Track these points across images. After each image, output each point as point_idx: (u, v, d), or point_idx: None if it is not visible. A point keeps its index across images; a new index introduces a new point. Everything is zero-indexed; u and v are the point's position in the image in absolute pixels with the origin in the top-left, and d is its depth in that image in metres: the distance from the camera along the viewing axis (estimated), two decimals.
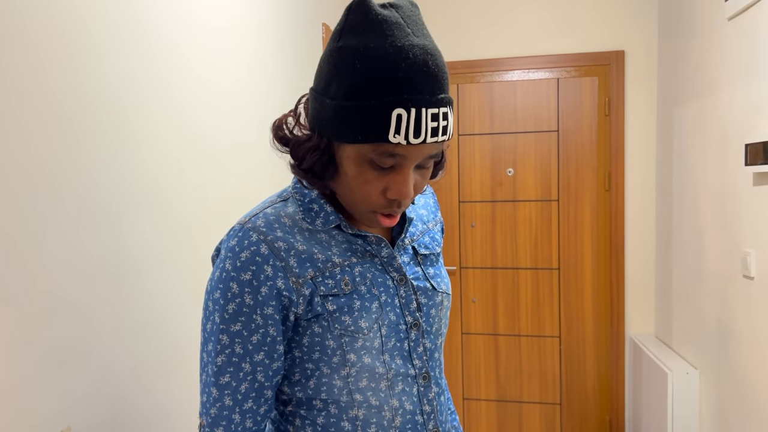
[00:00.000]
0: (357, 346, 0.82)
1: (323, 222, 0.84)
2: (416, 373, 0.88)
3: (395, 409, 0.87)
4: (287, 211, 0.84)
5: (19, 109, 0.85)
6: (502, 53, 3.11)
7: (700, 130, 2.39)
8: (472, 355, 3.23)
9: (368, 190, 0.79)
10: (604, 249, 3.07)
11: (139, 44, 1.14)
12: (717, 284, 2.23)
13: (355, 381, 0.84)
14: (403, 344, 0.87)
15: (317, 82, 0.80)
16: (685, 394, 2.42)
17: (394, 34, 0.74)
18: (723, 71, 2.17)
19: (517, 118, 3.11)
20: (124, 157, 1.11)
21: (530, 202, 3.12)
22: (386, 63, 0.73)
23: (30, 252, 0.89)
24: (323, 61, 0.79)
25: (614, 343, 3.07)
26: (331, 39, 0.79)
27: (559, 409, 3.15)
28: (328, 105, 0.77)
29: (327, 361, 0.83)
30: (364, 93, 0.73)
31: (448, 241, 3.22)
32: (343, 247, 0.84)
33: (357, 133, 0.74)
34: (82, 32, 0.99)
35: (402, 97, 0.73)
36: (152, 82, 1.18)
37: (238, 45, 1.58)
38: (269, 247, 0.79)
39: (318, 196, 0.84)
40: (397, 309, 0.86)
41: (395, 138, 0.74)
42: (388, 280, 0.86)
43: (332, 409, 0.85)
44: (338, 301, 0.81)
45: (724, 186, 2.16)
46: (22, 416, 0.84)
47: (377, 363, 0.84)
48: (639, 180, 3.01)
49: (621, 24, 2.99)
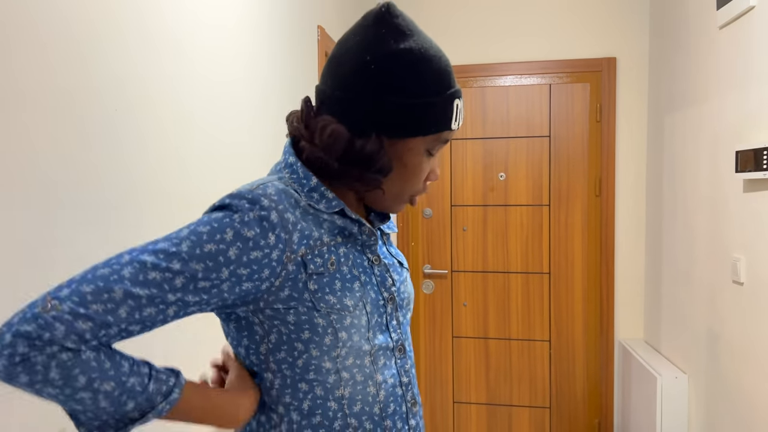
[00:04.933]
0: (346, 324, 0.84)
1: (326, 206, 0.85)
2: (393, 345, 0.92)
3: (379, 384, 0.90)
4: (288, 190, 0.84)
5: (29, 106, 0.84)
6: (494, 59, 3.13)
7: (691, 137, 2.42)
8: (462, 359, 3.23)
9: (421, 176, 0.89)
10: (595, 254, 3.09)
11: (142, 42, 1.13)
12: (707, 289, 2.26)
13: (343, 360, 0.85)
14: (382, 319, 0.90)
15: (366, 84, 0.82)
16: (674, 398, 2.44)
17: (427, 37, 0.86)
18: (714, 79, 2.20)
19: (510, 123, 3.13)
20: (128, 152, 1.10)
21: (521, 206, 3.14)
22: (440, 62, 0.85)
23: (29, 252, 0.88)
24: (378, 64, 0.82)
25: (604, 348, 3.09)
26: (378, 46, 0.82)
27: (549, 413, 3.17)
28: (394, 105, 0.82)
29: (318, 342, 0.83)
30: (436, 89, 0.83)
31: (439, 244, 3.23)
32: (331, 229, 0.86)
33: (431, 126, 0.84)
34: (89, 31, 0.98)
35: (456, 90, 0.87)
36: (154, 79, 1.17)
37: (235, 44, 1.57)
38: (279, 217, 0.79)
39: (318, 184, 0.85)
40: (375, 287, 0.90)
41: (455, 125, 0.87)
42: (364, 261, 0.90)
43: (318, 391, 0.85)
44: (321, 281, 0.82)
45: (715, 192, 2.18)
46: (17, 418, 0.83)
47: (363, 341, 0.87)
48: (629, 186, 3.04)
49: (613, 31, 3.02)
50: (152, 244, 0.75)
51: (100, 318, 0.69)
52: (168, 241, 0.74)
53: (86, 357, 0.69)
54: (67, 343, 0.67)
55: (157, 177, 1.22)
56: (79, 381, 0.68)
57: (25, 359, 0.66)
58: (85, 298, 0.69)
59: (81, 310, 0.68)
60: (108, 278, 0.70)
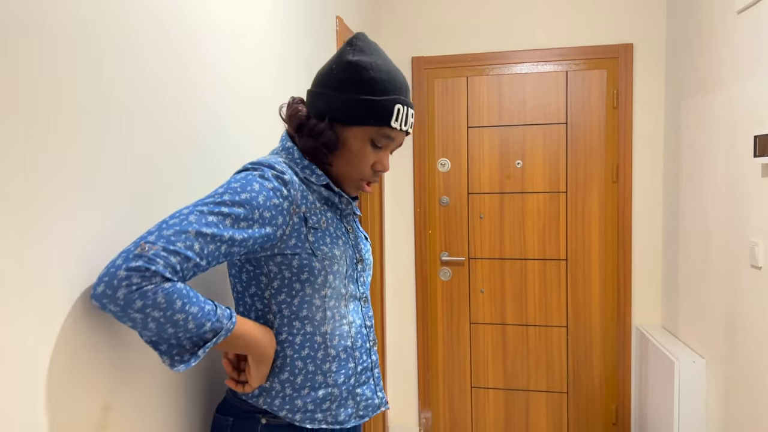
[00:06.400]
0: (334, 269, 1.13)
1: (316, 179, 1.14)
2: (360, 295, 1.23)
3: (350, 323, 1.18)
4: (290, 164, 1.13)
5: (84, 101, 0.88)
6: (511, 46, 3.14)
7: (708, 122, 2.42)
8: (480, 345, 3.27)
9: (365, 162, 1.15)
10: (612, 240, 3.10)
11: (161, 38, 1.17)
12: (724, 274, 2.27)
13: (328, 300, 1.14)
14: (354, 273, 1.20)
15: (328, 84, 1.14)
16: (691, 382, 2.46)
17: (387, 58, 1.16)
18: (732, 64, 2.20)
19: (526, 110, 3.14)
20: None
21: (538, 194, 3.15)
22: (390, 74, 1.14)
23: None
24: (337, 70, 1.13)
25: (621, 333, 3.11)
26: (340, 57, 1.14)
27: (566, 398, 3.20)
28: (343, 99, 1.11)
29: (312, 282, 1.10)
30: (376, 91, 1.11)
31: (456, 232, 3.25)
32: (320, 198, 1.15)
33: (369, 118, 1.11)
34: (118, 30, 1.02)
35: (400, 98, 1.14)
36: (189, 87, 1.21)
37: (252, 31, 1.61)
38: (290, 178, 1.07)
39: (309, 163, 1.14)
40: (350, 248, 1.18)
41: (394, 124, 1.13)
42: (342, 228, 1.19)
43: (308, 328, 1.12)
44: (317, 235, 1.11)
45: (733, 177, 2.19)
46: (60, 391, 0.88)
47: (341, 286, 1.16)
48: (647, 172, 3.04)
49: (630, 17, 3.01)
50: (201, 200, 0.97)
51: (183, 252, 0.90)
52: (212, 197, 0.98)
53: (180, 286, 0.90)
54: (167, 274, 0.87)
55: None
56: (176, 304, 0.88)
57: (139, 287, 0.85)
58: (170, 238, 0.89)
59: (171, 247, 0.88)
60: (180, 224, 0.91)
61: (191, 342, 0.95)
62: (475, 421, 3.30)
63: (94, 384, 0.94)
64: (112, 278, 0.84)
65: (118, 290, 0.84)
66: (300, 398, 1.11)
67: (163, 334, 0.90)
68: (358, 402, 1.18)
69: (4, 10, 0.75)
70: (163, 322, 0.88)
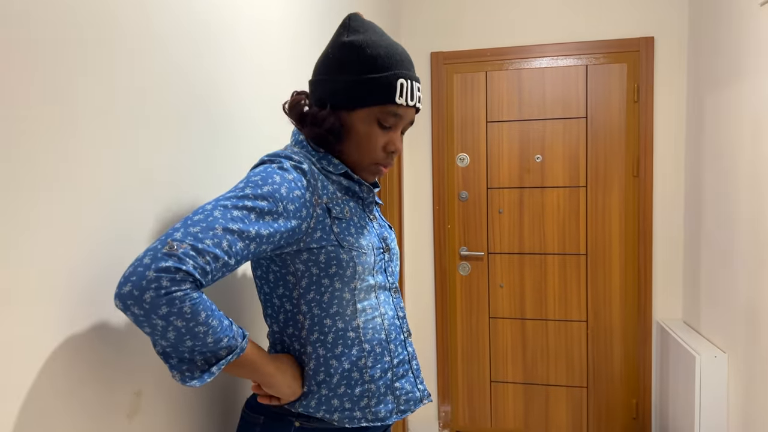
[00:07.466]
0: (362, 260, 1.07)
1: (334, 169, 1.10)
2: (390, 286, 1.18)
3: (383, 315, 1.13)
4: (306, 155, 1.09)
5: (139, 99, 0.92)
6: (530, 40, 3.13)
7: (732, 115, 2.40)
8: (499, 339, 3.28)
9: (374, 144, 1.09)
10: (632, 234, 3.09)
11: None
12: (747, 268, 2.25)
13: (358, 293, 1.09)
14: (381, 263, 1.14)
15: (326, 69, 1.09)
16: (713, 377, 2.45)
17: (383, 34, 1.09)
18: (755, 56, 2.18)
19: (546, 105, 3.13)
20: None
21: (558, 188, 3.15)
22: (388, 50, 1.06)
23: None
24: (333, 53, 1.08)
25: (641, 328, 3.10)
26: (335, 40, 1.09)
27: (586, 393, 3.20)
28: (343, 82, 1.06)
29: (341, 275, 1.05)
30: (375, 69, 1.04)
31: (476, 227, 3.26)
32: (340, 188, 1.10)
33: (371, 97, 1.05)
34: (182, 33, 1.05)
35: (402, 72, 1.06)
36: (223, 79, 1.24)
37: (277, 32, 1.64)
38: (309, 168, 1.03)
39: (325, 153, 1.10)
40: (375, 237, 1.14)
41: (399, 99, 1.06)
42: (366, 217, 1.14)
43: (339, 324, 1.08)
44: (341, 225, 1.06)
45: (756, 171, 2.17)
46: (94, 377, 0.91)
47: (370, 276, 1.11)
48: (667, 166, 3.02)
49: (650, 10, 2.98)
50: (222, 196, 0.93)
51: (212, 250, 0.84)
52: (234, 191, 0.93)
53: (205, 298, 0.85)
54: (197, 275, 0.82)
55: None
56: (201, 315, 0.83)
57: (168, 293, 0.79)
58: (197, 236, 0.84)
59: (199, 246, 0.83)
60: (206, 220, 0.86)
61: (203, 358, 0.89)
62: (494, 415, 3.32)
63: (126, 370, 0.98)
64: (141, 278, 0.78)
65: (146, 292, 0.78)
66: (336, 397, 1.07)
67: (180, 346, 0.85)
68: (398, 396, 1.13)
69: (42, 10, 0.79)
70: (183, 333, 0.83)
